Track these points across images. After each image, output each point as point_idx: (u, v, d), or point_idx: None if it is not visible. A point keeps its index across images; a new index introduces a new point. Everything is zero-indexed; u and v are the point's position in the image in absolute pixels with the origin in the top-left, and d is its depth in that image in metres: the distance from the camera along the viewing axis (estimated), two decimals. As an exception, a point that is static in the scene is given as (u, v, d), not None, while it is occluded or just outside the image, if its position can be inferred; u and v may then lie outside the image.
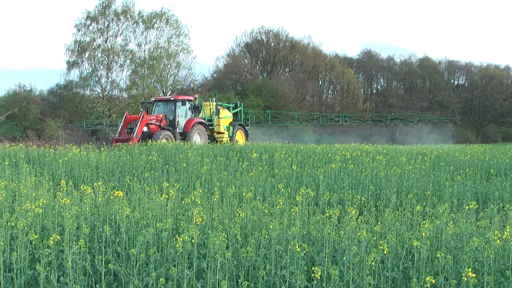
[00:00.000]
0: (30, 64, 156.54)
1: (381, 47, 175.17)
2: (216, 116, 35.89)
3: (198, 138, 32.92)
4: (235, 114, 39.95)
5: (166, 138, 30.08)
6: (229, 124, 37.37)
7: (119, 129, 31.35)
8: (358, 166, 17.80)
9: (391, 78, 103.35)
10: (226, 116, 37.06)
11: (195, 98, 35.14)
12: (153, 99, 35.56)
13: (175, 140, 30.29)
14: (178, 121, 32.57)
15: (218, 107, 36.50)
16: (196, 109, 34.95)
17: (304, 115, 53.06)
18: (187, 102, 33.71)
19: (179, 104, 32.98)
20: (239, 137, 38.07)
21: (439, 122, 51.04)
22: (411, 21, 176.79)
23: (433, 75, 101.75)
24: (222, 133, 35.79)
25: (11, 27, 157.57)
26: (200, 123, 33.65)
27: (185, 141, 29.77)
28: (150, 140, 27.66)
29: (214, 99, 36.61)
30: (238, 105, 40.95)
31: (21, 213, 7.99)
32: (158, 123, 31.33)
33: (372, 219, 8.80)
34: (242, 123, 39.46)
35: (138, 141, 28.49)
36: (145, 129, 30.27)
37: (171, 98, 33.92)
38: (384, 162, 18.58)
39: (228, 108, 38.80)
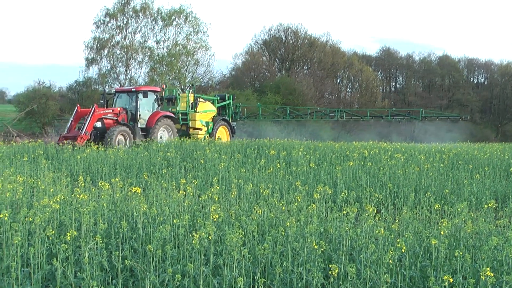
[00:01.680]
0: (50, 60, 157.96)
1: (399, 43, 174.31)
2: (193, 110, 32.96)
3: (164, 134, 30.00)
4: (222, 108, 37.30)
5: (122, 135, 27.12)
6: (211, 119, 34.55)
7: (69, 125, 27.66)
8: (376, 164, 17.73)
9: (410, 76, 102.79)
10: (206, 110, 34.16)
11: (163, 89, 32.49)
12: (114, 90, 32.05)
13: (134, 137, 27.81)
14: (140, 115, 29.24)
15: (198, 99, 33.84)
16: (170, 102, 32.65)
17: (297, 110, 50.38)
18: (150, 94, 29.97)
19: (140, 95, 29.29)
20: (222, 133, 35.19)
21: (447, 120, 48.50)
22: (430, 18, 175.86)
23: (452, 73, 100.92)
24: (199, 129, 33.08)
25: (31, 24, 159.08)
26: (168, 116, 30.43)
27: (149, 138, 27.66)
28: (100, 142, 25.15)
29: (191, 90, 34.16)
30: (227, 98, 37.83)
31: (39, 208, 8.03)
32: (115, 118, 27.96)
33: (389, 217, 8.76)
34: (226, 118, 36.22)
35: (89, 139, 25.84)
36: (98, 124, 27.02)
37: (133, 89, 30.39)
38: (402, 160, 18.49)
39: (212, 101, 36.10)
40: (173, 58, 62.93)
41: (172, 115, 30.99)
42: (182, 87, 62.50)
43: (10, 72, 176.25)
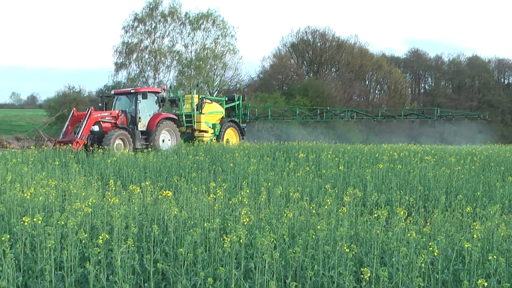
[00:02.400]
0: (79, 65, 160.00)
1: (427, 44, 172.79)
2: (197, 112, 31.35)
3: (167, 138, 28.45)
4: (232, 109, 35.82)
5: (121, 139, 25.68)
6: (218, 120, 32.98)
7: (64, 129, 26.42)
8: (406, 166, 17.58)
9: (439, 78, 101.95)
10: (213, 112, 32.53)
11: (163, 90, 30.38)
12: (113, 92, 30.16)
13: (134, 141, 26.40)
14: (140, 118, 27.57)
15: (204, 100, 32.34)
16: (173, 103, 31.57)
17: (306, 110, 48.68)
18: (150, 95, 28.29)
19: (139, 97, 27.57)
20: (231, 136, 33.23)
21: (464, 119, 47.01)
22: (459, 19, 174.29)
23: (482, 74, 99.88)
24: (205, 131, 31.50)
25: (61, 29, 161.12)
26: (170, 118, 28.70)
27: (150, 143, 27.01)
28: (97, 146, 23.62)
29: (194, 91, 32.75)
30: (236, 99, 36.12)
31: (71, 212, 8.12)
32: (113, 121, 26.60)
33: (421, 220, 8.69)
34: (234, 119, 34.48)
35: (86, 144, 24.57)
36: (96, 128, 25.73)
37: (132, 91, 28.61)
38: (432, 163, 18.34)
39: (220, 102, 34.74)
40: (201, 62, 63.21)
41: (175, 117, 29.43)
42: (211, 91, 62.73)
43: (41, 77, 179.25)
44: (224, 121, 33.22)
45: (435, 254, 6.25)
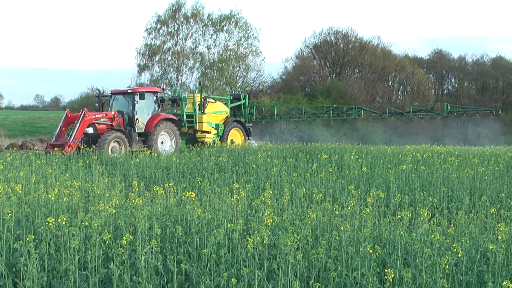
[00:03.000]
0: (102, 66, 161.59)
1: (451, 45, 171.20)
2: (199, 112, 29.82)
3: (166, 140, 27.37)
4: (238, 109, 34.25)
5: (116, 142, 24.61)
6: (223, 121, 31.71)
7: (57, 131, 25.33)
8: (429, 167, 17.48)
9: (462, 78, 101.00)
10: (217, 111, 31.26)
11: (163, 89, 29.67)
12: (110, 92, 28.72)
13: (130, 143, 25.21)
14: (137, 119, 26.36)
15: (207, 100, 30.86)
16: (174, 103, 30.74)
17: (313, 108, 47.55)
18: (147, 95, 27.15)
19: (137, 97, 26.31)
20: (235, 136, 31.99)
21: (476, 115, 45.83)
22: (483, 18, 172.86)
23: (506, 75, 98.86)
24: (207, 132, 30.03)
25: (87, 31, 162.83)
26: (169, 119, 27.55)
27: (147, 145, 25.81)
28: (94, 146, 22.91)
29: (197, 90, 31.20)
30: (242, 98, 34.60)
31: (95, 213, 8.18)
32: (109, 122, 25.47)
33: (444, 221, 8.64)
34: (239, 119, 33.08)
35: (78, 147, 23.12)
36: (90, 130, 24.66)
37: (129, 90, 27.35)
38: (456, 164, 18.18)
39: (225, 101, 33.63)
40: (223, 64, 63.26)
41: (174, 117, 28.29)
42: (233, 92, 62.78)
43: (64, 78, 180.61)
44: (228, 121, 32.05)
45: (459, 255, 6.21)
